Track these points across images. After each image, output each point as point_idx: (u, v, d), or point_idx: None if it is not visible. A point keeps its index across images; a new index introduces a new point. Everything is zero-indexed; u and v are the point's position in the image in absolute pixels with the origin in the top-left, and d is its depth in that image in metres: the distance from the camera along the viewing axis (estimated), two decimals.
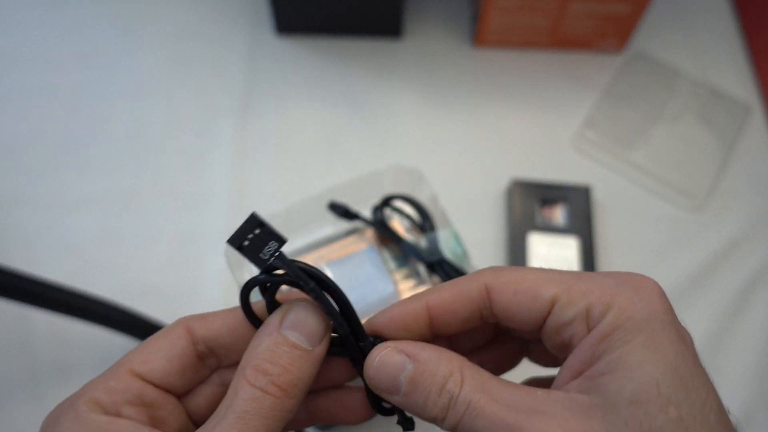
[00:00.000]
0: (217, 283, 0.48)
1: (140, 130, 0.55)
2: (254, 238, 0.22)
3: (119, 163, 0.54)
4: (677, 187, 0.53)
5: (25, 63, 0.58)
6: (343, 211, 0.37)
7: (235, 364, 0.24)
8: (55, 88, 0.57)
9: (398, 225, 0.38)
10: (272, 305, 0.24)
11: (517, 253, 0.49)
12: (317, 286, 0.22)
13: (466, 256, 0.37)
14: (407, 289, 0.36)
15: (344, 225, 0.39)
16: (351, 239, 0.38)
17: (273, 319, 0.23)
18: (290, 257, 0.23)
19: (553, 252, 0.49)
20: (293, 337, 0.22)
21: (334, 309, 0.23)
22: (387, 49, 0.60)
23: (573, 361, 0.22)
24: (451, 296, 0.24)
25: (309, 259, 0.37)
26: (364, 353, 0.23)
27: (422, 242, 0.37)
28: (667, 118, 0.56)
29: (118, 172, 0.53)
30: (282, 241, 0.22)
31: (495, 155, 0.55)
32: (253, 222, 0.22)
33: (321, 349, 0.23)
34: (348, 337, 0.23)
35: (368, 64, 0.59)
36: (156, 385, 0.23)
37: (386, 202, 0.38)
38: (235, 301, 0.24)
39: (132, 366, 0.23)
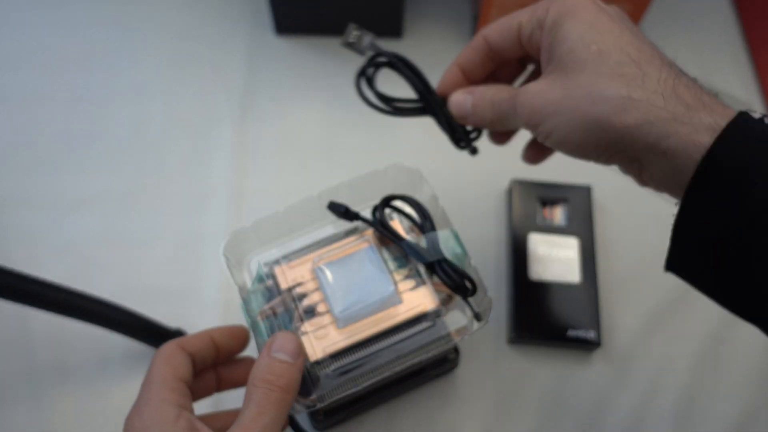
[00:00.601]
0: (217, 283, 0.48)
1: (140, 131, 0.55)
2: (354, 37, 0.39)
3: (119, 164, 0.54)
4: None
5: (25, 63, 0.58)
6: (343, 211, 0.37)
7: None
8: (55, 88, 0.57)
9: (398, 225, 0.38)
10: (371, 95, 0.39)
11: (517, 253, 0.49)
12: (400, 62, 0.39)
13: (466, 256, 0.36)
14: (407, 289, 0.36)
15: (344, 225, 0.38)
16: (351, 239, 0.38)
17: (264, 349, 0.31)
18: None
19: (553, 252, 0.49)
20: (280, 356, 0.31)
21: (413, 75, 0.38)
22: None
23: (542, 56, 0.33)
24: (466, 53, 0.38)
25: (309, 259, 0.37)
26: (437, 102, 0.39)
27: (422, 242, 0.37)
28: None
29: (118, 173, 0.53)
30: (373, 34, 0.38)
31: (495, 155, 0.55)
32: (352, 27, 0.38)
33: (301, 360, 0.31)
34: (424, 92, 0.39)
35: None
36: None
37: (386, 202, 0.38)
38: (233, 301, 0.24)
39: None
